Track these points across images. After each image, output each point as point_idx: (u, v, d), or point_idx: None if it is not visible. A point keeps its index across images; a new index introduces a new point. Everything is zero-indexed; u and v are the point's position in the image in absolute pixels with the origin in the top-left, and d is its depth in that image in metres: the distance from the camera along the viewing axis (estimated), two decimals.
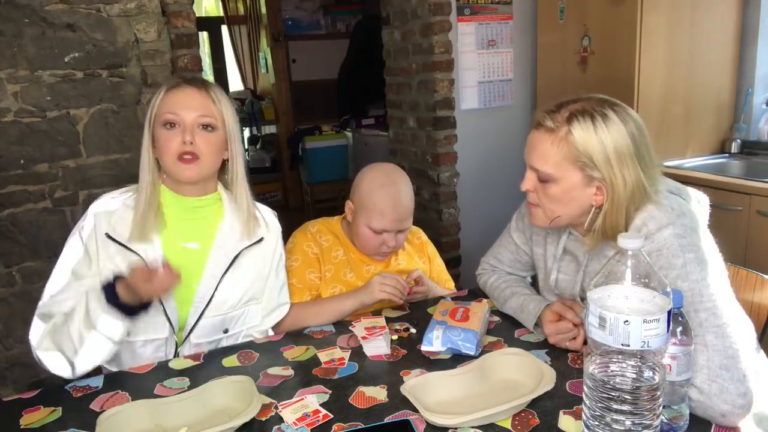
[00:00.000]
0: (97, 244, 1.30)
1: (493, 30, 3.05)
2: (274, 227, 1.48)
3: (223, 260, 1.37)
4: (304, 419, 1.04)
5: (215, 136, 1.33)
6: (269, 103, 5.94)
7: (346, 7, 6.08)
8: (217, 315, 1.36)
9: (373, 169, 1.60)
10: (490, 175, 3.17)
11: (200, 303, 1.34)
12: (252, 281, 1.41)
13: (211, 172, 1.37)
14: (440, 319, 1.30)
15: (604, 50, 2.62)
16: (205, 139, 1.31)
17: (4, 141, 2.23)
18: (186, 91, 1.31)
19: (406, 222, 1.56)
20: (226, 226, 1.38)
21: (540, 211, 1.21)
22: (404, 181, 1.57)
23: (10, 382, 2.38)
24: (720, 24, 2.61)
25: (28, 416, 1.12)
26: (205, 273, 1.35)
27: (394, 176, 1.57)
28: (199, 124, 1.30)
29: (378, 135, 4.45)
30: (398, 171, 1.60)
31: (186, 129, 1.29)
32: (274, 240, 1.46)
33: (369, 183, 1.56)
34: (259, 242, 1.42)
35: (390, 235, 1.54)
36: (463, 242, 3.17)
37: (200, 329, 1.35)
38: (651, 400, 0.82)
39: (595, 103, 1.15)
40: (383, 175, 1.56)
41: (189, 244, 1.36)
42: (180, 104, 1.30)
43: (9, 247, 2.26)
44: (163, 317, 1.32)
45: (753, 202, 2.17)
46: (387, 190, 1.52)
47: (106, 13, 2.30)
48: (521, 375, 1.10)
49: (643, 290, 0.82)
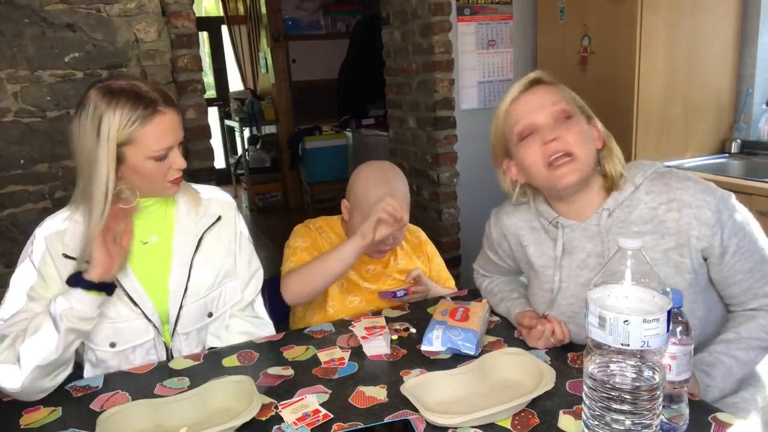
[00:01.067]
0: (56, 267, 1.25)
1: (493, 30, 3.05)
2: (228, 203, 1.47)
3: (187, 246, 1.37)
4: (304, 419, 1.04)
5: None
6: (269, 103, 5.94)
7: (346, 7, 6.08)
8: (197, 300, 1.37)
9: (367, 167, 1.60)
10: (490, 175, 3.12)
11: (177, 292, 1.34)
12: (222, 259, 1.41)
13: None
14: (440, 319, 1.30)
15: (604, 50, 2.62)
16: (181, 156, 1.31)
17: (4, 141, 2.23)
18: (166, 118, 1.25)
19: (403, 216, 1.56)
20: (182, 211, 1.38)
21: (571, 163, 1.16)
22: (398, 177, 1.58)
23: None
24: (720, 24, 2.61)
25: (28, 416, 1.13)
26: (174, 261, 1.35)
27: (389, 173, 1.58)
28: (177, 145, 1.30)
29: (378, 135, 4.46)
30: (393, 168, 1.61)
31: (178, 156, 1.29)
32: (232, 215, 1.46)
33: (364, 182, 1.56)
34: (219, 220, 1.42)
35: None
36: (463, 242, 3.17)
37: (185, 318, 1.36)
38: (651, 400, 0.82)
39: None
40: (377, 173, 1.57)
41: (149, 239, 1.35)
42: (169, 138, 1.26)
43: (9, 247, 2.26)
44: (144, 320, 1.31)
45: (753, 202, 2.16)
46: (382, 188, 1.52)
47: (106, 13, 2.30)
48: (521, 375, 1.10)
49: (643, 290, 0.82)
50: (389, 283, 1.65)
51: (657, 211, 1.17)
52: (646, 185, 1.20)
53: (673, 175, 1.21)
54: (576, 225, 1.25)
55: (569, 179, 1.17)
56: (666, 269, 1.15)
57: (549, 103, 1.20)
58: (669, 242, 1.16)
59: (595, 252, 1.23)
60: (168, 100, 1.27)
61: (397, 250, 1.68)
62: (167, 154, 1.27)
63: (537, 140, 1.19)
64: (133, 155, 1.24)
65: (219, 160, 6.21)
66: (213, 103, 6.91)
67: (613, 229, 1.20)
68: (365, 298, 1.62)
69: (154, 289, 1.33)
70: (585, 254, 1.24)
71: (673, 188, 1.17)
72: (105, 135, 1.20)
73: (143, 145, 1.23)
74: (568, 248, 1.26)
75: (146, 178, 1.27)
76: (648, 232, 1.17)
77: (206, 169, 2.52)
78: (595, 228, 1.22)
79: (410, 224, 1.68)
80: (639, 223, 1.18)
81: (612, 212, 1.20)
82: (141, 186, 1.29)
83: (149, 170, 1.26)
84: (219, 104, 6.99)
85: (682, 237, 1.15)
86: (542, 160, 1.18)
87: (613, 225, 1.20)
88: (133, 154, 1.24)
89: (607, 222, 1.21)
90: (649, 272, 0.83)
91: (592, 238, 1.23)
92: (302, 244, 1.59)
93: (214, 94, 7.18)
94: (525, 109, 1.22)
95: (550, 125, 1.18)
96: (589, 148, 1.19)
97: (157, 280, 1.32)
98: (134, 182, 1.28)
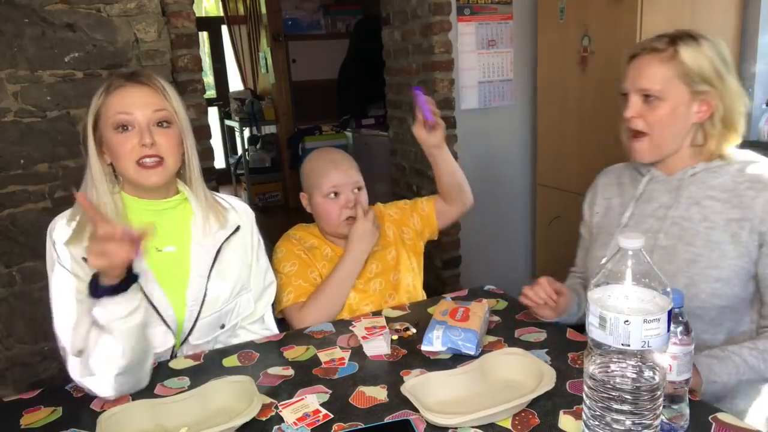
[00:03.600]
0: (83, 268, 1.20)
1: (493, 30, 3.05)
2: (247, 213, 1.45)
3: (206, 257, 1.33)
4: (305, 419, 1.04)
5: (173, 131, 1.26)
6: (269, 103, 5.94)
7: (346, 7, 6.07)
8: (213, 313, 1.34)
9: (308, 157, 1.69)
10: (490, 175, 3.17)
11: (194, 305, 1.31)
12: (238, 271, 1.38)
13: (175, 172, 1.30)
14: (440, 319, 1.30)
15: (604, 50, 2.62)
16: (165, 136, 1.23)
17: (4, 141, 2.23)
18: (133, 88, 1.22)
19: (352, 173, 1.59)
20: (199, 222, 1.33)
21: (646, 141, 1.27)
22: (336, 149, 1.71)
23: (10, 382, 2.38)
24: (720, 24, 2.61)
25: (28, 416, 1.12)
26: (192, 274, 1.31)
27: (325, 148, 1.71)
28: (155, 122, 1.22)
29: (378, 135, 4.45)
30: (331, 147, 1.74)
31: (143, 130, 1.20)
32: (249, 225, 1.44)
33: (307, 163, 1.66)
34: (237, 231, 1.39)
35: (346, 193, 1.56)
36: (463, 242, 3.17)
37: (199, 330, 1.34)
38: (651, 400, 0.82)
39: (685, 31, 1.28)
40: (315, 152, 1.69)
41: (165, 248, 1.30)
42: (130, 103, 1.20)
43: (9, 247, 2.26)
44: (164, 326, 1.29)
45: None
46: (322, 157, 1.63)
47: (106, 13, 2.30)
48: (521, 375, 1.10)
49: (644, 290, 0.82)
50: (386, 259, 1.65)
51: (739, 186, 1.23)
52: (740, 165, 1.26)
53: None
54: (661, 177, 1.33)
55: (639, 155, 1.30)
56: (722, 234, 1.21)
57: (645, 77, 1.25)
58: (736, 213, 1.22)
59: (666, 204, 1.30)
60: (137, 77, 1.23)
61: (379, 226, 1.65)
62: (129, 123, 1.20)
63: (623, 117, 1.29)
64: (103, 129, 1.21)
65: (219, 160, 6.22)
66: (213, 103, 6.90)
67: (692, 187, 1.28)
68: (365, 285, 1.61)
69: (173, 299, 1.30)
70: (657, 204, 1.32)
71: (764, 171, 1.23)
72: (88, 122, 1.23)
73: (106, 114, 1.20)
74: (646, 197, 1.34)
75: (115, 156, 1.22)
76: (721, 200, 1.24)
77: (206, 169, 2.49)
78: (677, 183, 1.30)
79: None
80: (718, 189, 1.25)
81: (697, 173, 1.28)
82: (118, 168, 1.24)
83: (114, 144, 1.20)
84: (219, 104, 6.99)
85: (749, 212, 1.20)
86: (627, 129, 1.31)
87: (693, 183, 1.28)
88: (102, 128, 1.22)
89: (689, 180, 1.28)
90: (650, 272, 0.83)
91: (670, 191, 1.31)
92: (291, 268, 1.57)
93: (214, 94, 7.18)
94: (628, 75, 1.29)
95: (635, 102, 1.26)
96: (671, 130, 1.26)
97: (174, 291, 1.29)
98: (115, 166, 1.24)
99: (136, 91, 1.22)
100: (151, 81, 1.25)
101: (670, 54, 1.23)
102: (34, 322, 1.98)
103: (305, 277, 1.56)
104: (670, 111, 1.24)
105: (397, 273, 1.65)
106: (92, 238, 1.06)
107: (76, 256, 1.21)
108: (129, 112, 1.20)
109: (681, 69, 1.23)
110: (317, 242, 1.64)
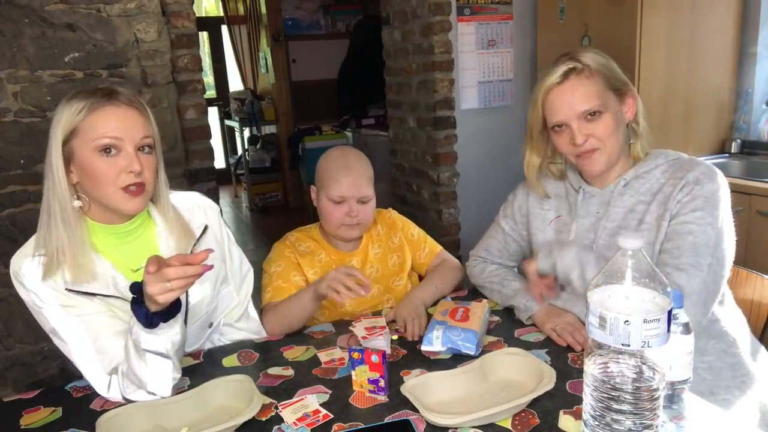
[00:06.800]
0: (68, 296, 1.16)
1: (493, 30, 3.05)
2: (212, 207, 1.41)
3: None
4: (304, 419, 1.04)
5: (154, 156, 1.20)
6: (269, 103, 5.94)
7: (346, 7, 6.08)
8: (199, 317, 1.33)
9: (328, 151, 1.66)
10: (490, 175, 3.17)
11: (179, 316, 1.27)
12: (216, 270, 1.34)
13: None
14: (440, 319, 1.30)
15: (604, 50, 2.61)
16: (148, 163, 1.17)
17: (4, 141, 2.23)
18: (118, 109, 1.15)
19: (363, 188, 1.56)
20: (162, 231, 1.28)
21: (597, 154, 1.29)
22: (356, 153, 1.64)
23: (10, 382, 2.38)
24: (720, 24, 2.61)
25: (28, 416, 1.12)
26: None
27: (346, 150, 1.66)
28: (140, 147, 1.17)
29: (378, 135, 4.45)
30: (353, 149, 1.68)
31: (131, 156, 1.14)
32: (216, 220, 1.40)
33: (324, 160, 1.63)
34: (205, 231, 1.35)
35: (351, 203, 1.55)
36: (463, 242, 3.17)
37: (191, 338, 1.33)
38: (651, 400, 0.82)
39: (567, 51, 1.33)
40: (336, 151, 1.65)
41: (139, 266, 1.21)
42: (118, 126, 1.13)
43: (9, 247, 2.24)
44: None
45: (753, 202, 2.17)
46: (339, 160, 1.59)
47: (106, 13, 2.30)
48: (521, 375, 1.10)
49: (644, 290, 0.82)
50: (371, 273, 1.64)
51: (664, 186, 1.28)
52: (664, 166, 1.31)
53: (692, 161, 1.29)
54: (595, 191, 1.36)
55: (596, 168, 1.30)
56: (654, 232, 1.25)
57: (581, 100, 1.26)
58: (661, 209, 1.26)
59: (600, 216, 1.34)
60: (121, 97, 1.16)
61: (372, 236, 1.66)
62: (115, 147, 1.13)
63: (568, 137, 1.29)
64: (79, 147, 1.13)
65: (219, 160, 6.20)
66: (213, 103, 6.91)
67: (625, 196, 1.32)
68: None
69: None
70: (595, 218, 1.36)
71: (684, 169, 1.27)
72: (55, 127, 1.13)
73: (88, 134, 1.12)
74: (582, 213, 1.38)
75: (95, 179, 1.14)
76: (648, 202, 1.29)
77: (206, 169, 2.52)
78: (609, 195, 1.34)
79: (381, 208, 1.70)
80: (647, 194, 1.30)
81: (628, 182, 1.32)
82: (93, 192, 1.16)
83: (96, 168, 1.13)
84: (219, 104, 7.00)
85: (669, 203, 1.25)
86: (572, 153, 1.31)
87: (625, 193, 1.32)
88: (78, 146, 1.13)
89: (621, 190, 1.32)
90: (650, 272, 0.83)
91: (602, 204, 1.35)
92: (277, 269, 1.57)
93: (214, 94, 7.18)
94: (558, 105, 1.29)
95: (580, 126, 1.27)
96: (617, 136, 1.29)
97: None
98: (86, 188, 1.17)
99: (122, 113, 1.15)
100: (137, 103, 1.19)
101: (588, 69, 1.27)
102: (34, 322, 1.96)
103: (286, 278, 1.55)
104: (613, 119, 1.27)
105: (395, 279, 1.65)
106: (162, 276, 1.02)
107: (58, 287, 1.16)
108: (118, 136, 1.14)
109: (602, 78, 1.27)
110: (314, 246, 1.64)
